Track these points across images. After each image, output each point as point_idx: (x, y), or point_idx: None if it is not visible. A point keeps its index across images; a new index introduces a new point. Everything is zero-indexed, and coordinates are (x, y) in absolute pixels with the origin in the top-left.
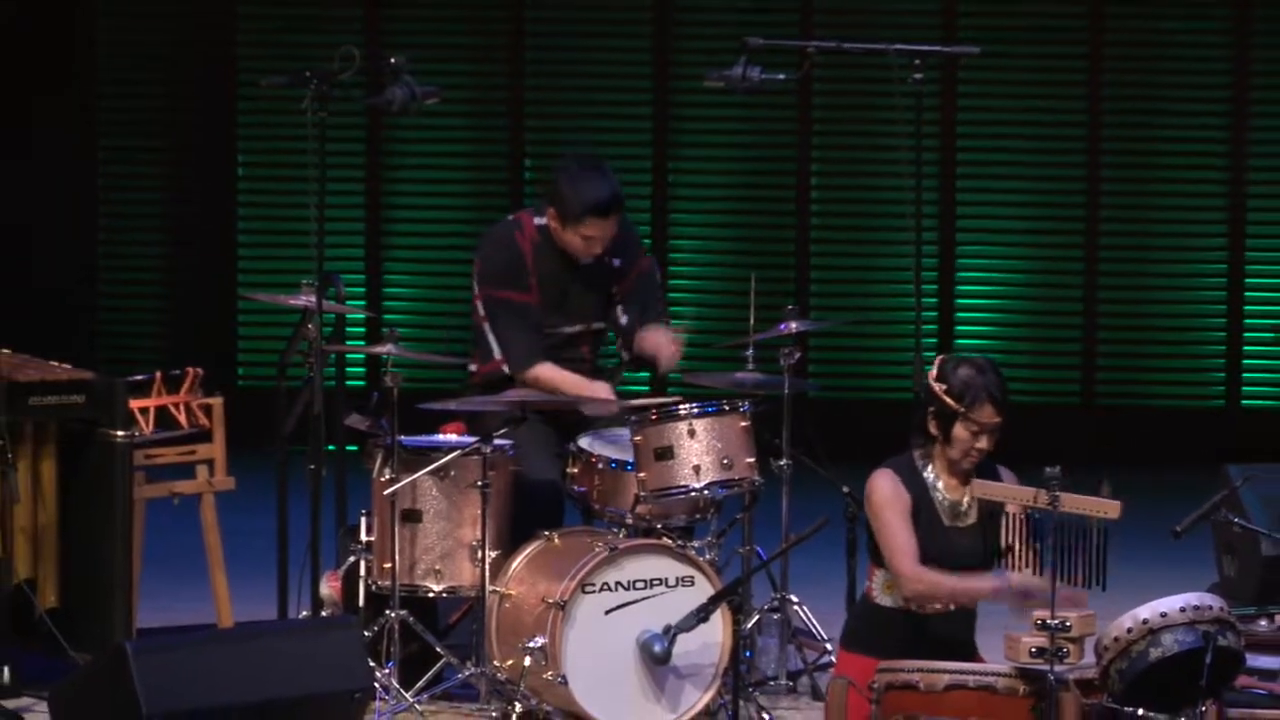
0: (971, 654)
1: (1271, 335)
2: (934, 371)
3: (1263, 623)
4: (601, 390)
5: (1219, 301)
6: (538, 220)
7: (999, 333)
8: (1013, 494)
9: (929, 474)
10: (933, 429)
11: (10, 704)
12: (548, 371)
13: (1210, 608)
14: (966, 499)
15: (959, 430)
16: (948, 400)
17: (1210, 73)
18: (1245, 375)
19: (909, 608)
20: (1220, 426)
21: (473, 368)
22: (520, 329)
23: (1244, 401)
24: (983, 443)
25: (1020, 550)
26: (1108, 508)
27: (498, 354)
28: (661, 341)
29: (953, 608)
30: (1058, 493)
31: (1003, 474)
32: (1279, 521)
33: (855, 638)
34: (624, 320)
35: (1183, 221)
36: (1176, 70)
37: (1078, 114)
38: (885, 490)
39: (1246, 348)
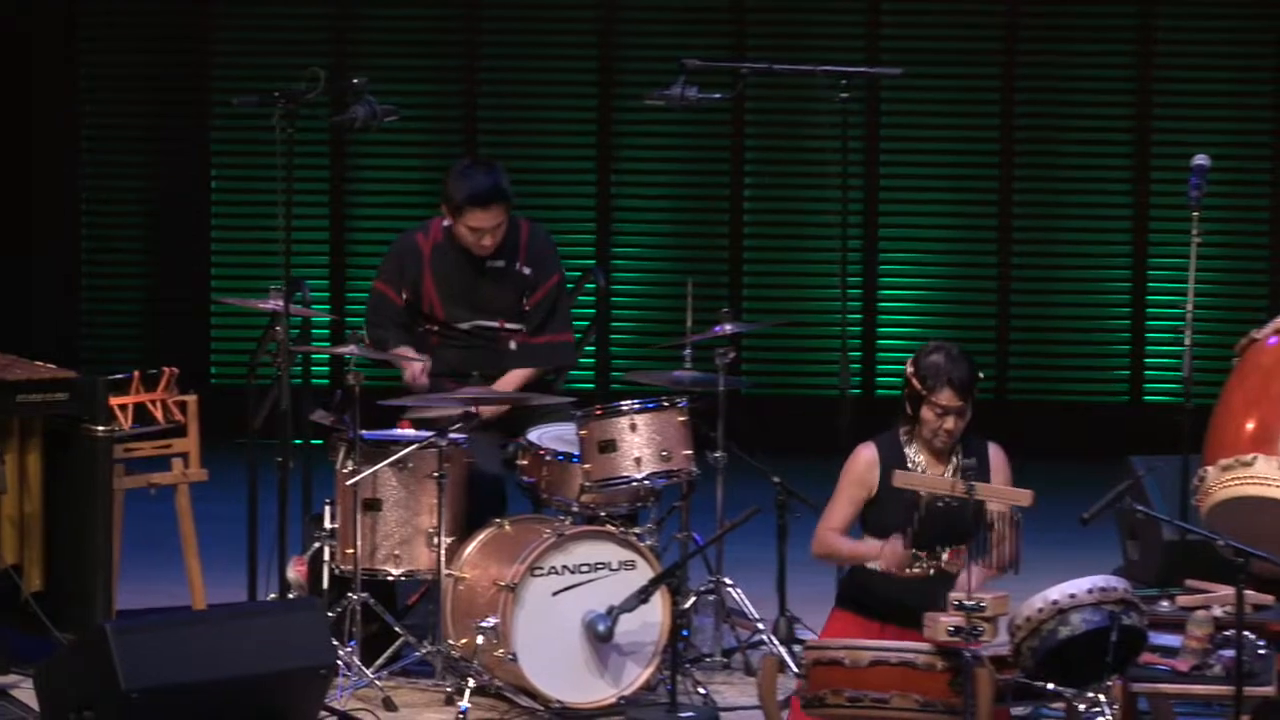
0: None
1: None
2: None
3: (1164, 603)
4: (415, 369)
5: (1123, 304)
6: (445, 223)
7: (918, 333)
8: (931, 484)
9: (910, 450)
10: (908, 409)
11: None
12: (403, 354)
13: (1115, 589)
14: (945, 473)
15: (925, 411)
16: (914, 383)
17: (1115, 92)
18: (1147, 373)
19: (889, 570)
20: (1124, 420)
21: None
22: (377, 317)
23: (1146, 397)
24: (948, 424)
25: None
26: (1021, 497)
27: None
28: (416, 373)
29: (932, 572)
30: (973, 482)
31: (992, 452)
32: (1179, 509)
33: (845, 597)
34: (536, 328)
35: (1089, 230)
36: (1084, 90)
37: (991, 130)
38: (855, 465)
39: (1149, 347)
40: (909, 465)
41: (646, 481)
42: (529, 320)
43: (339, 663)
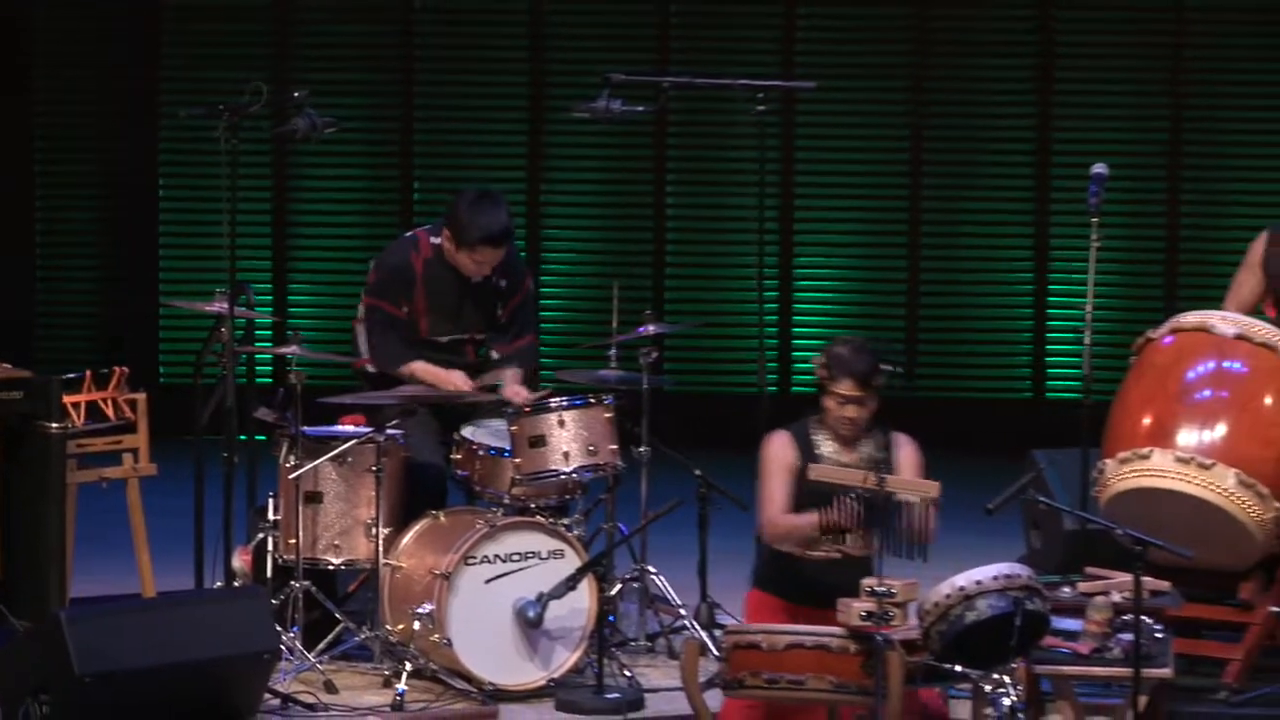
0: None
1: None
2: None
3: (1065, 590)
4: (458, 378)
5: (1026, 305)
6: (434, 240)
7: (832, 333)
8: (844, 476)
9: (817, 437)
10: (819, 398)
11: None
12: (419, 366)
13: (1019, 576)
14: (849, 459)
15: (828, 400)
16: (820, 372)
17: (1018, 103)
18: (1049, 370)
19: (797, 553)
20: (1027, 416)
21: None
22: (387, 336)
23: (1048, 394)
24: (849, 411)
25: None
26: (929, 488)
27: (364, 352)
28: (517, 391)
29: (835, 556)
30: (884, 475)
31: (901, 442)
32: (1079, 500)
33: (760, 577)
34: (505, 339)
35: (994, 235)
36: (988, 101)
37: (901, 139)
38: (772, 450)
39: (1050, 346)
40: (815, 449)
41: (574, 475)
42: (508, 328)
43: (282, 648)
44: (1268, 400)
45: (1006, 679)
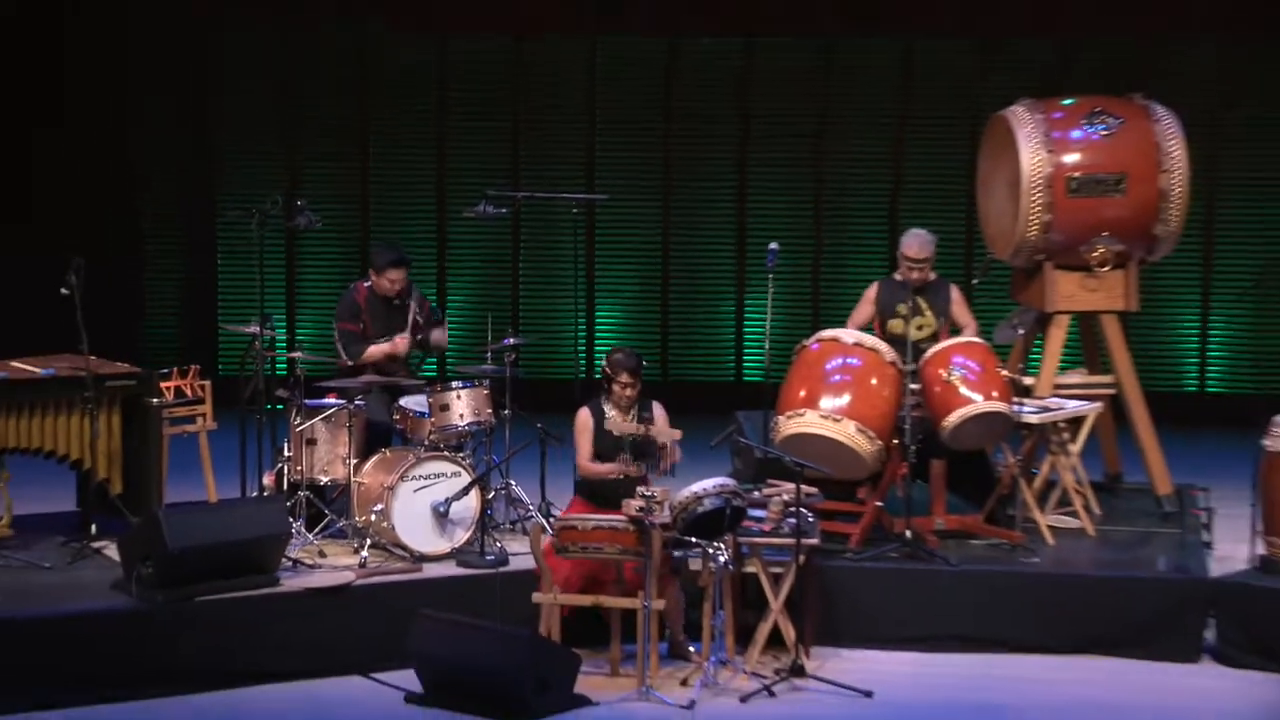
0: None
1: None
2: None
3: (756, 493)
4: (398, 341)
5: (730, 325)
6: (365, 284)
7: (618, 343)
8: (627, 428)
9: (606, 408)
10: (606, 384)
11: (96, 545)
12: (371, 349)
13: (729, 485)
14: (625, 421)
15: (613, 385)
16: (607, 370)
17: (721, 199)
18: (745, 361)
19: (592, 476)
20: (732, 390)
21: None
22: (351, 341)
23: (745, 377)
24: (627, 392)
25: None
26: (675, 433)
27: (342, 357)
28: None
29: (621, 478)
30: (650, 426)
31: (656, 407)
32: (764, 440)
33: (579, 491)
34: (420, 335)
35: (713, 276)
36: (706, 201)
37: (654, 229)
38: (579, 419)
39: (746, 346)
40: (604, 415)
41: (466, 428)
42: (422, 329)
43: (292, 531)
44: (873, 381)
45: (721, 545)
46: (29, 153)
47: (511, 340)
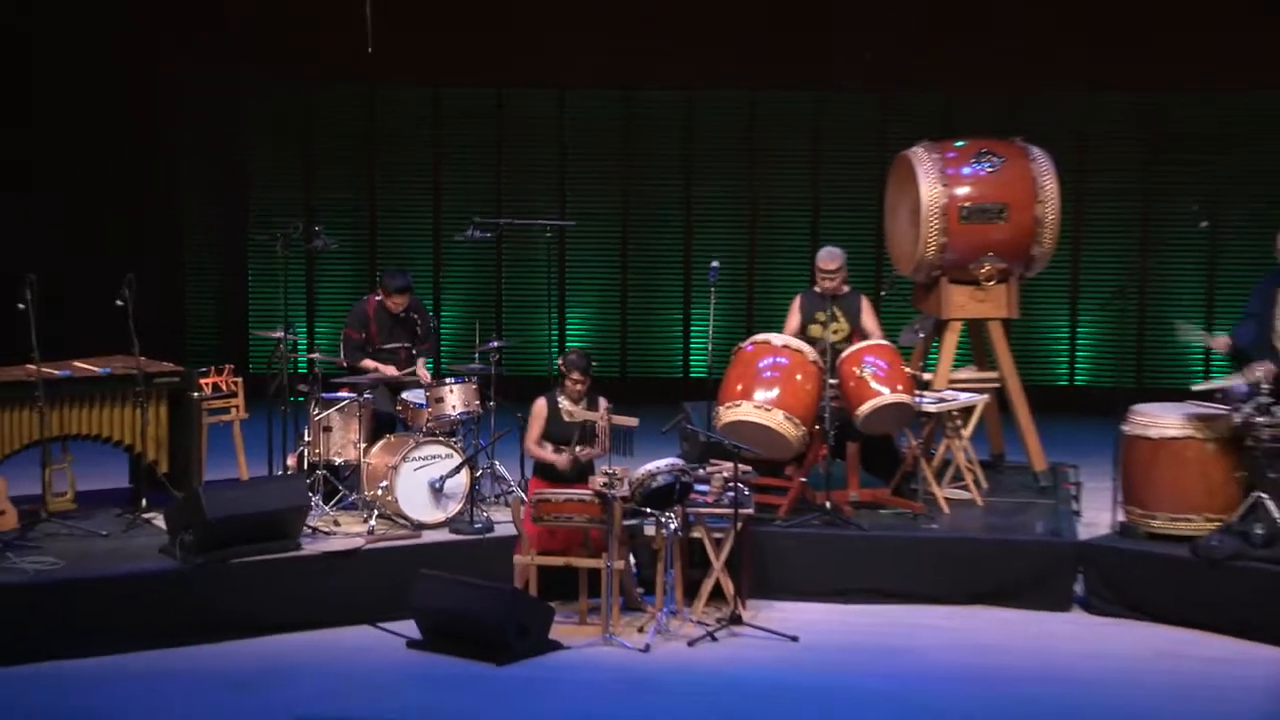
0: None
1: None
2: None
3: (701, 471)
4: (388, 370)
5: (678, 329)
6: (376, 298)
7: (579, 345)
8: (589, 416)
9: (560, 399)
10: (561, 379)
11: (146, 516)
12: (368, 363)
13: (678, 464)
14: (574, 409)
15: (566, 381)
16: (562, 369)
17: (672, 226)
18: (691, 359)
19: (534, 457)
20: (680, 385)
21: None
22: (353, 348)
23: (691, 373)
24: (579, 388)
25: (599, 441)
26: (630, 421)
27: (340, 357)
28: (424, 375)
29: (572, 463)
30: (611, 415)
31: (600, 399)
32: (707, 426)
33: (536, 471)
34: (420, 346)
35: (665, 284)
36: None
37: (613, 249)
38: (536, 407)
39: (692, 347)
40: (559, 405)
41: (458, 417)
42: (424, 339)
43: (311, 504)
44: (798, 377)
45: (672, 515)
46: (105, 190)
47: (495, 343)
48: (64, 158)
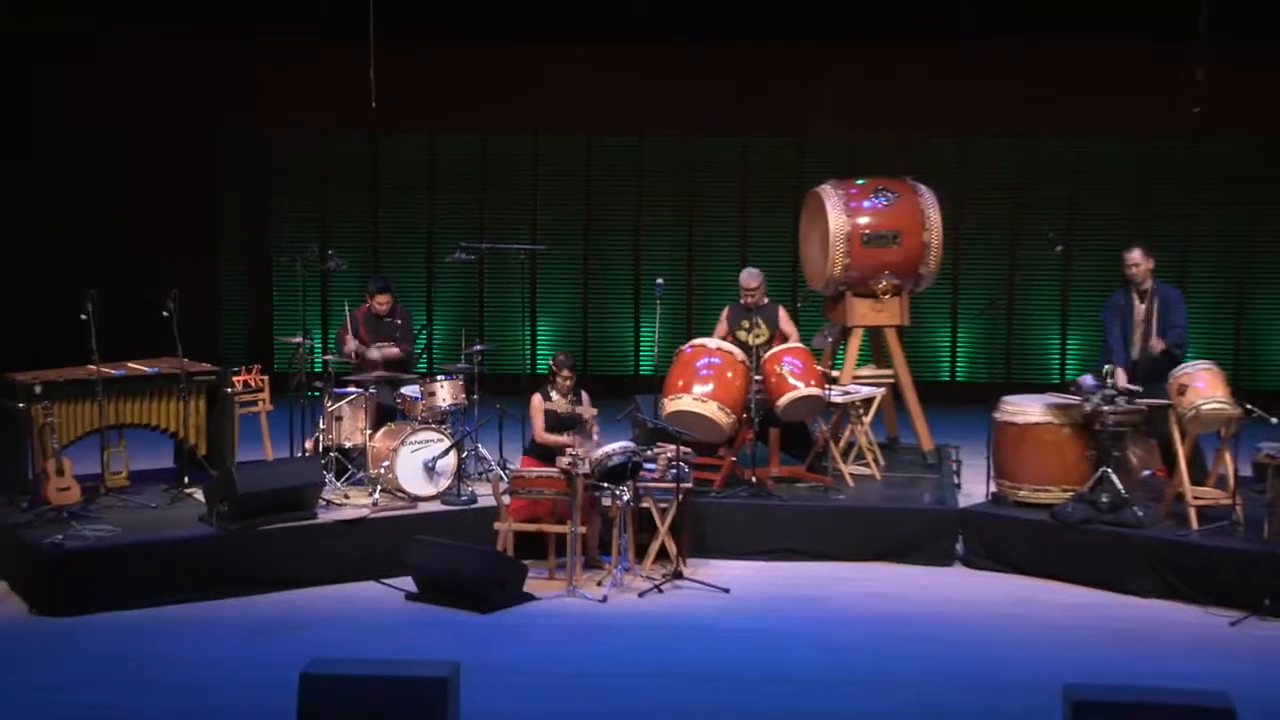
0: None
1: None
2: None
3: (649, 452)
4: (373, 351)
5: (629, 335)
6: (365, 307)
7: (558, 348)
8: (568, 409)
9: (551, 394)
10: (552, 377)
11: (187, 491)
12: (348, 347)
13: (630, 446)
14: (564, 403)
15: (556, 378)
16: (553, 367)
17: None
18: (640, 361)
19: (548, 444)
20: (631, 382)
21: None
22: (342, 343)
23: (640, 372)
24: (567, 384)
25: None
26: (592, 411)
27: (336, 351)
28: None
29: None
30: (578, 407)
31: (585, 395)
32: (655, 415)
33: (529, 452)
34: (398, 346)
35: (608, 280)
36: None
37: (575, 268)
38: (534, 402)
39: (641, 351)
40: (550, 398)
41: (447, 408)
42: (402, 340)
43: (325, 480)
44: (729, 374)
45: (625, 488)
46: (166, 222)
47: (479, 346)
48: (147, 205)
